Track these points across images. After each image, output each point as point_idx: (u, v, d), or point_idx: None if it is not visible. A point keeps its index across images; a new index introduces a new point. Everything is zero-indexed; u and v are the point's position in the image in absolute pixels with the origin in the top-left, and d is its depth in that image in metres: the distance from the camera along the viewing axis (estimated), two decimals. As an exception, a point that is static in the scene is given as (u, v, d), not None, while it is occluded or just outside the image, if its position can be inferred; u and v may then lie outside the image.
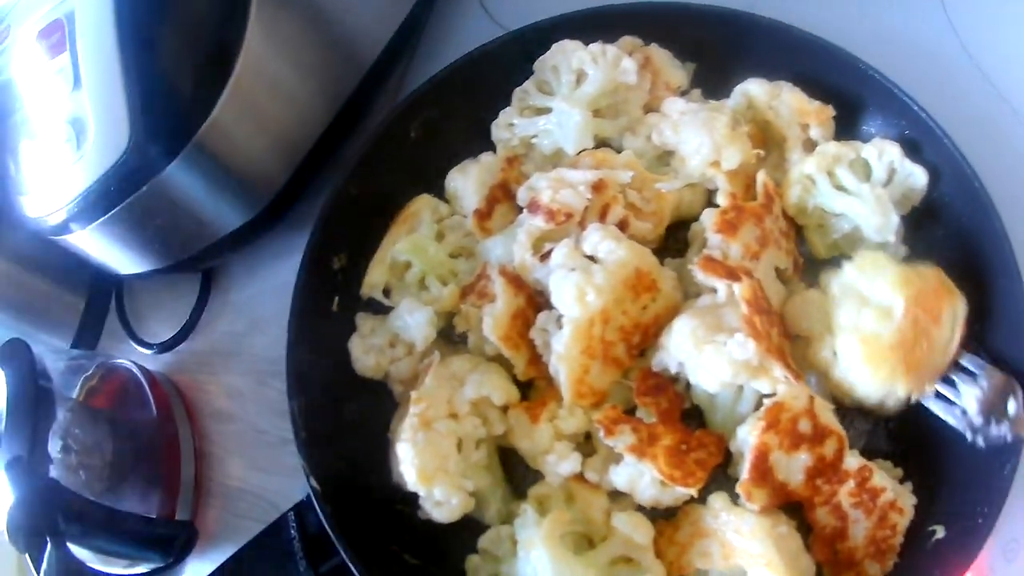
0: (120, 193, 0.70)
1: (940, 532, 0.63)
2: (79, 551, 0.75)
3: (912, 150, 0.68)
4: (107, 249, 0.77)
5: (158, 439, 0.83)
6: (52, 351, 0.86)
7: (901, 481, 0.64)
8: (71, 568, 0.72)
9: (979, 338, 0.66)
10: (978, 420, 0.61)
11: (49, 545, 0.71)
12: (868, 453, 0.65)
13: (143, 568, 0.79)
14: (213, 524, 0.81)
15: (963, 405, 0.61)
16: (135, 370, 0.85)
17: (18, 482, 0.70)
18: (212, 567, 0.78)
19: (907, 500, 0.63)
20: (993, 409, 0.60)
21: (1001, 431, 0.61)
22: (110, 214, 0.72)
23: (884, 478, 0.62)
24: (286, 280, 0.78)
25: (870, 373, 0.60)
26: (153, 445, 0.82)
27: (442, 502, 0.59)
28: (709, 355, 0.57)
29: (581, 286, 0.57)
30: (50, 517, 0.71)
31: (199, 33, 0.71)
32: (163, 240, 0.78)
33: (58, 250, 0.78)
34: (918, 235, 0.68)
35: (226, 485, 0.81)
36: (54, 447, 0.76)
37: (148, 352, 0.87)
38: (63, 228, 0.73)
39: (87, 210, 0.71)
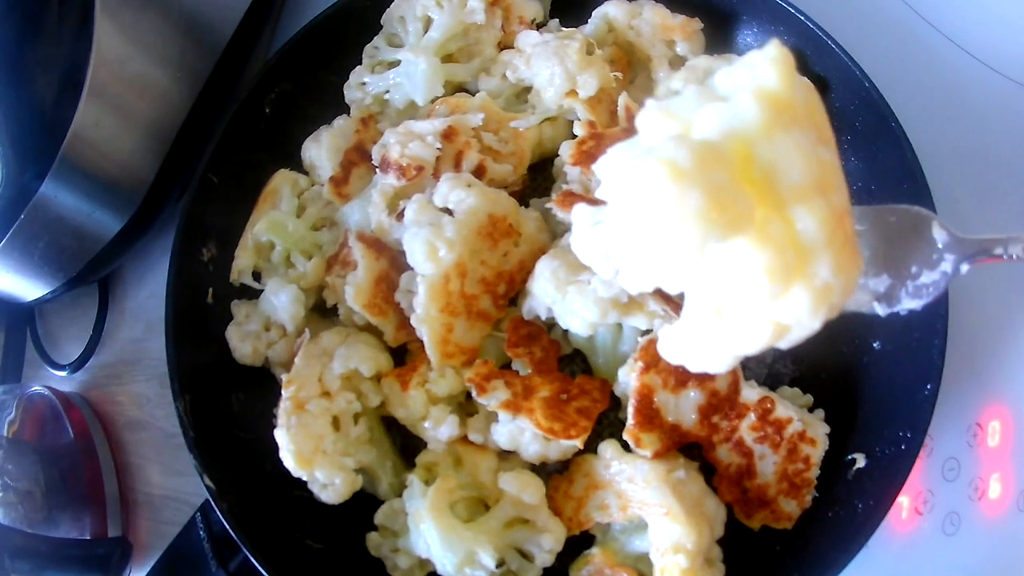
0: (3, 224, 0.70)
1: (861, 461, 0.59)
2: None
3: (796, 59, 0.64)
4: (6, 279, 0.75)
5: (79, 460, 0.81)
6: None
7: (811, 409, 0.59)
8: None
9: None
10: (882, 282, 0.50)
11: None
12: (771, 382, 0.61)
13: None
14: (143, 535, 0.79)
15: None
16: (50, 395, 0.84)
17: None
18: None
19: (819, 429, 0.58)
20: (893, 257, 0.49)
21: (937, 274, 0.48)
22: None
23: (789, 407, 0.57)
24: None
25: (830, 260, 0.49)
26: (76, 467, 0.81)
27: (326, 484, 0.56)
28: (574, 296, 0.53)
29: (431, 241, 0.53)
30: None
31: (50, 51, 0.69)
32: (53, 258, 0.76)
33: None
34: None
35: (149, 494, 0.79)
36: None
37: (63, 374, 0.86)
38: None
39: None
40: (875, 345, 0.60)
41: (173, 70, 0.73)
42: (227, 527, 0.63)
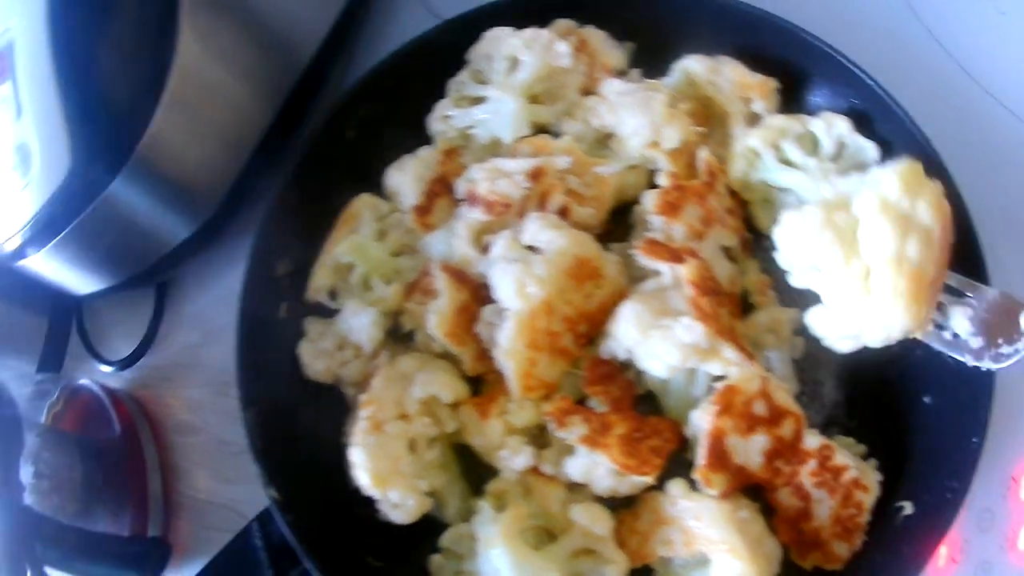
0: (68, 215, 0.71)
1: (908, 508, 0.62)
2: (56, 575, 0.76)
3: (862, 123, 0.67)
4: (62, 271, 0.77)
5: (124, 457, 0.82)
6: (16, 377, 0.86)
7: (865, 458, 0.63)
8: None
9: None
10: (977, 342, 0.58)
11: (28, 573, 0.72)
12: (828, 431, 0.64)
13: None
14: (184, 538, 0.80)
15: (955, 329, 0.58)
16: (97, 390, 0.84)
17: None
18: (186, 582, 0.78)
19: (871, 477, 0.62)
20: (991, 326, 0.58)
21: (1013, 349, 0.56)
22: (61, 236, 0.73)
23: (846, 456, 0.61)
24: (234, 288, 0.79)
25: (904, 308, 0.55)
26: (120, 463, 0.81)
27: (399, 504, 0.58)
28: (656, 340, 0.55)
29: (521, 278, 0.56)
30: (27, 545, 0.71)
31: (133, 49, 0.71)
32: (115, 257, 0.78)
33: (17, 276, 0.77)
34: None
35: (194, 498, 0.80)
36: (26, 474, 0.76)
37: (110, 370, 0.86)
38: (19, 254, 0.74)
39: (39, 234, 0.72)
40: (926, 400, 0.64)
41: (253, 86, 0.75)
42: (288, 539, 0.65)
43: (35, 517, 0.74)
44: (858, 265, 0.55)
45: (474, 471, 0.63)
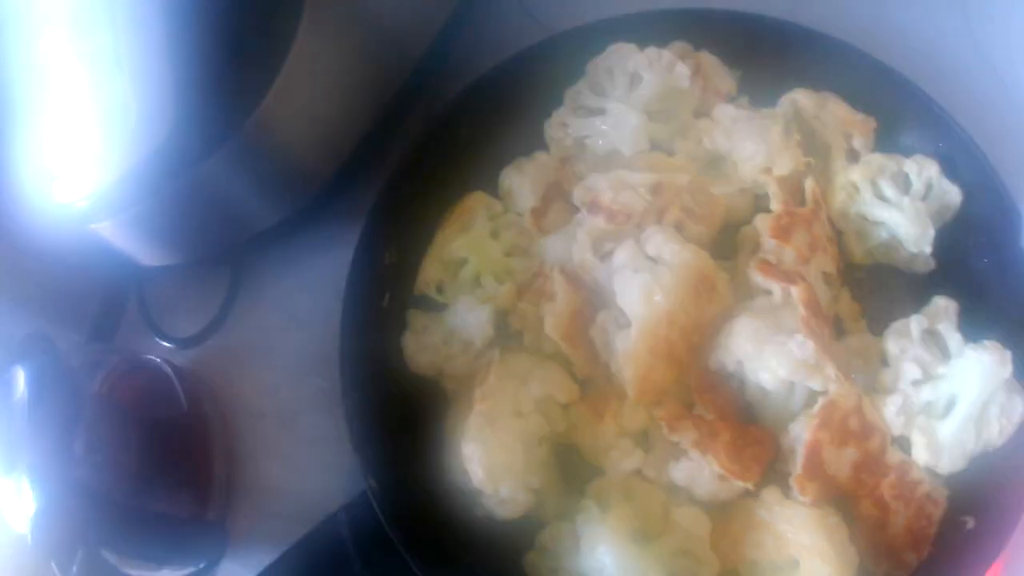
0: (157, 182, 0.70)
1: (971, 523, 0.68)
2: (108, 555, 0.75)
3: (947, 165, 0.72)
4: (135, 239, 0.77)
5: (188, 436, 0.81)
6: (73, 346, 0.84)
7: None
8: (102, 573, 0.72)
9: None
10: None
11: (80, 552, 0.71)
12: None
13: (175, 572, 0.79)
14: (245, 525, 0.80)
15: None
16: (162, 364, 0.83)
17: (43, 486, 0.70)
18: (243, 570, 0.78)
19: (941, 492, 0.68)
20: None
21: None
22: (145, 204, 0.72)
23: (921, 471, 0.68)
24: (321, 276, 0.80)
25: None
26: (184, 442, 0.81)
27: (507, 500, 0.61)
28: (770, 354, 0.60)
29: (649, 287, 0.60)
30: (79, 523, 0.70)
31: (252, 26, 0.70)
32: (195, 233, 0.77)
33: (77, 239, 0.76)
34: (949, 247, 0.72)
35: (259, 485, 0.80)
36: (79, 446, 0.76)
37: (171, 347, 0.85)
38: (93, 216, 0.72)
39: (120, 198, 0.70)
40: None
41: (364, 79, 0.76)
42: (386, 529, 0.66)
43: (88, 494, 0.73)
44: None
45: (571, 471, 0.67)
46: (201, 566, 0.77)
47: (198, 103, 0.69)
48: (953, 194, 0.70)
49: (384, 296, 0.71)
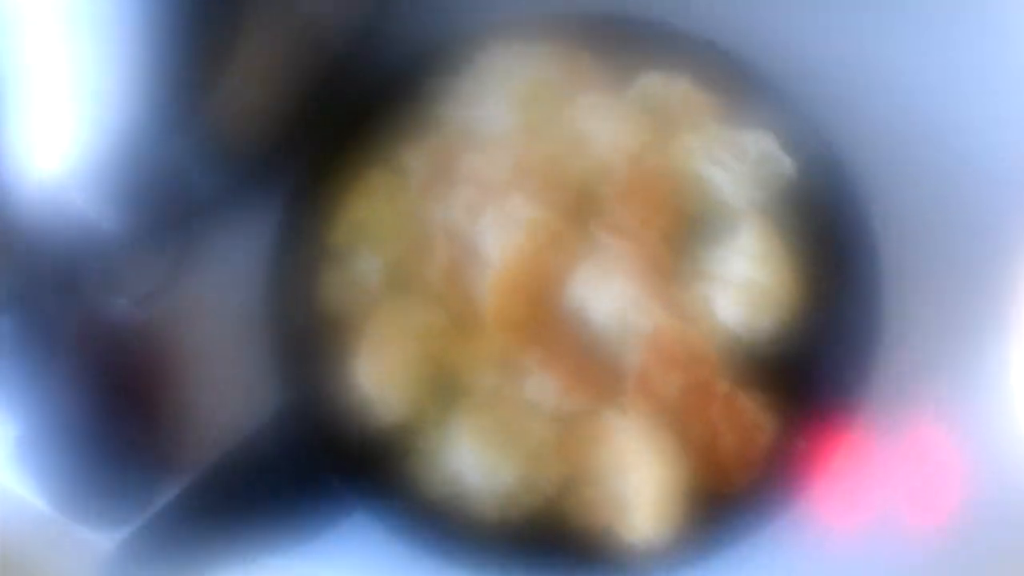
0: (125, 157, 0.88)
1: (800, 442, 0.84)
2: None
3: (785, 140, 0.91)
4: (96, 208, 0.94)
5: (143, 375, 0.99)
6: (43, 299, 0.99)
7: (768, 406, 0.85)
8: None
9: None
10: None
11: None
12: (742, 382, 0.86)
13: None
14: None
15: None
16: (122, 315, 1.02)
17: (23, 419, 0.89)
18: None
19: (768, 421, 0.84)
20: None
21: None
22: (111, 176, 0.90)
23: (749, 401, 0.84)
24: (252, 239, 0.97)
25: None
26: (140, 379, 0.99)
27: (392, 406, 0.82)
28: (604, 295, 0.81)
29: (507, 239, 0.84)
30: (56, 450, 0.89)
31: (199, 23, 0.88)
32: (148, 204, 0.95)
33: (45, 206, 0.94)
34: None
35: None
36: (55, 383, 0.92)
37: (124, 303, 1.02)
38: (64, 184, 0.91)
39: (90, 168, 0.89)
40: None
41: (293, 72, 0.95)
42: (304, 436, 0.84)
43: (63, 424, 0.90)
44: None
45: (444, 389, 0.84)
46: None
47: (163, 89, 0.88)
48: (785, 163, 0.90)
49: (299, 251, 0.92)
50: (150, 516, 0.91)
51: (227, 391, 0.98)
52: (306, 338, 0.90)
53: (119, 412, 0.98)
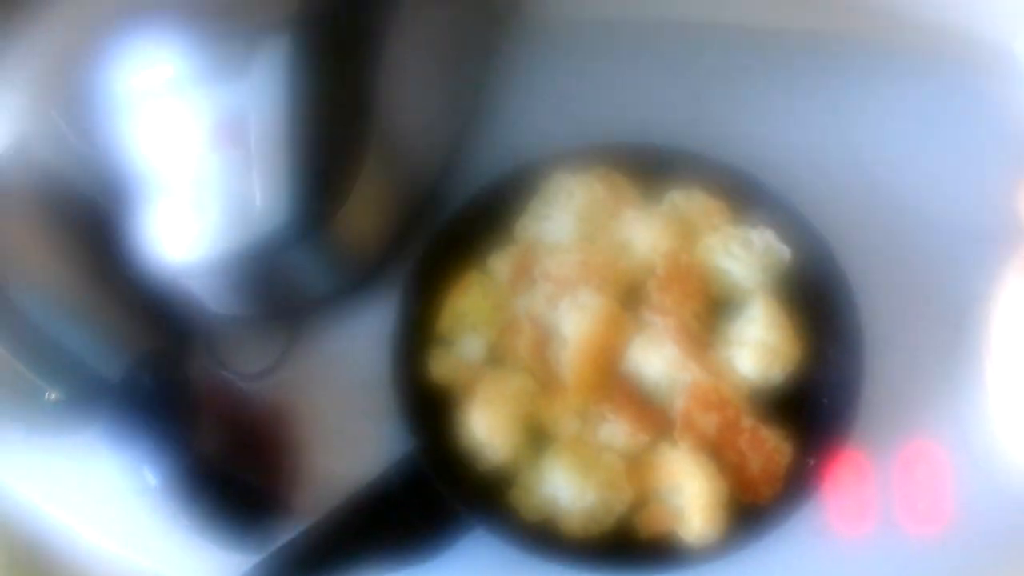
0: (251, 258, 1.02)
1: (811, 461, 1.06)
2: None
3: (781, 232, 1.22)
4: (214, 294, 1.10)
5: (264, 435, 1.15)
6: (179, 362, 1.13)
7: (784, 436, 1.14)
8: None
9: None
10: None
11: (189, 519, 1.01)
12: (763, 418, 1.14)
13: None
14: (310, 503, 1.10)
15: None
16: (240, 382, 1.18)
17: (161, 469, 0.97)
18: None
19: (785, 447, 1.10)
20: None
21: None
22: (234, 272, 1.04)
23: (769, 433, 1.13)
24: (362, 331, 1.22)
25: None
26: (261, 439, 1.14)
27: (498, 449, 1.04)
28: (654, 358, 1.13)
29: (580, 322, 1.14)
30: (188, 498, 0.98)
31: (336, 123, 1.02)
32: (265, 296, 1.13)
33: (173, 287, 1.08)
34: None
35: (316, 473, 1.15)
36: (190, 439, 0.98)
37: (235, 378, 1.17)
38: (190, 273, 1.05)
39: (218, 266, 1.02)
40: (824, 400, 1.19)
41: (400, 191, 1.19)
42: (422, 476, 1.04)
43: (195, 476, 0.98)
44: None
45: (537, 438, 1.12)
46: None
47: (300, 203, 1.00)
48: (784, 251, 1.22)
49: (415, 337, 1.21)
50: (293, 537, 1.02)
51: (353, 444, 1.19)
52: (426, 401, 1.18)
53: (242, 463, 1.07)
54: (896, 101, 1.36)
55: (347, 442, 1.17)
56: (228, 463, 1.04)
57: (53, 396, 1.07)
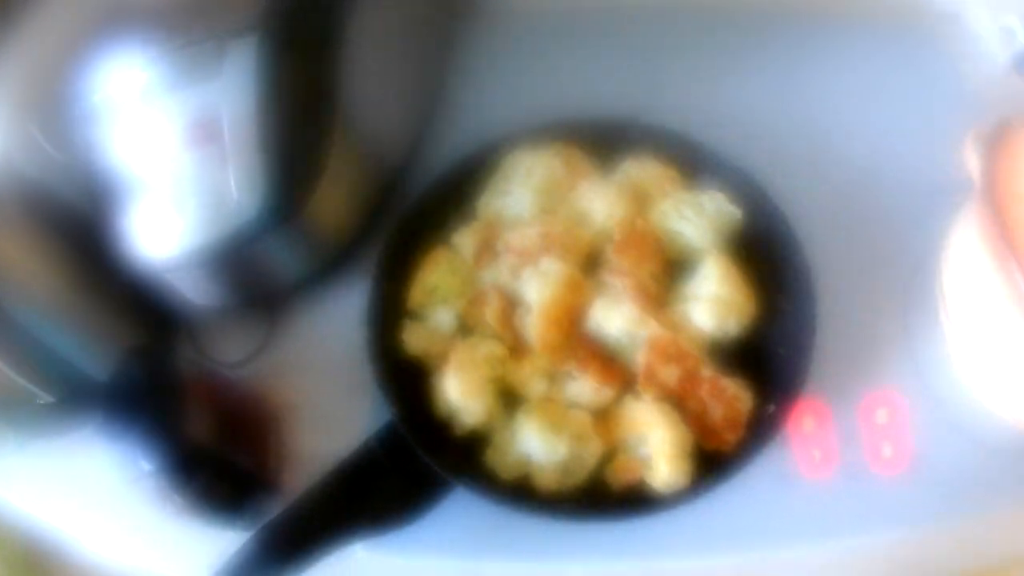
0: (230, 250, 1.07)
1: (772, 408, 1.14)
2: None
3: (733, 195, 1.31)
4: (194, 285, 1.14)
5: (252, 417, 1.21)
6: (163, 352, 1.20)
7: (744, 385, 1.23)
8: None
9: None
10: None
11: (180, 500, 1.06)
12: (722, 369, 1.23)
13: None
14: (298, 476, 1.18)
15: None
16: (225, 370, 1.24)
17: (153, 454, 1.02)
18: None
19: (745, 395, 1.20)
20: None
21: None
22: (211, 264, 1.08)
23: (728, 382, 1.21)
24: (336, 309, 1.28)
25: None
26: (248, 420, 1.20)
27: (472, 413, 1.12)
28: (615, 317, 1.21)
29: (543, 288, 1.22)
30: (179, 480, 1.04)
31: (304, 117, 1.09)
32: (242, 284, 1.17)
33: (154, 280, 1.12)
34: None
35: (299, 449, 1.22)
36: (178, 425, 1.04)
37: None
38: (170, 267, 1.09)
39: (196, 258, 1.06)
40: (780, 351, 1.27)
41: (369, 175, 1.25)
42: (404, 441, 1.11)
43: (186, 458, 1.03)
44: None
45: (508, 399, 1.20)
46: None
47: (273, 194, 1.05)
48: (735, 212, 1.30)
49: (388, 313, 1.28)
50: (283, 509, 1.08)
51: (336, 420, 1.21)
52: (402, 372, 1.26)
53: (230, 446, 1.12)
54: (846, 67, 1.41)
55: (330, 419, 1.24)
56: (217, 447, 1.09)
57: (45, 400, 1.10)
